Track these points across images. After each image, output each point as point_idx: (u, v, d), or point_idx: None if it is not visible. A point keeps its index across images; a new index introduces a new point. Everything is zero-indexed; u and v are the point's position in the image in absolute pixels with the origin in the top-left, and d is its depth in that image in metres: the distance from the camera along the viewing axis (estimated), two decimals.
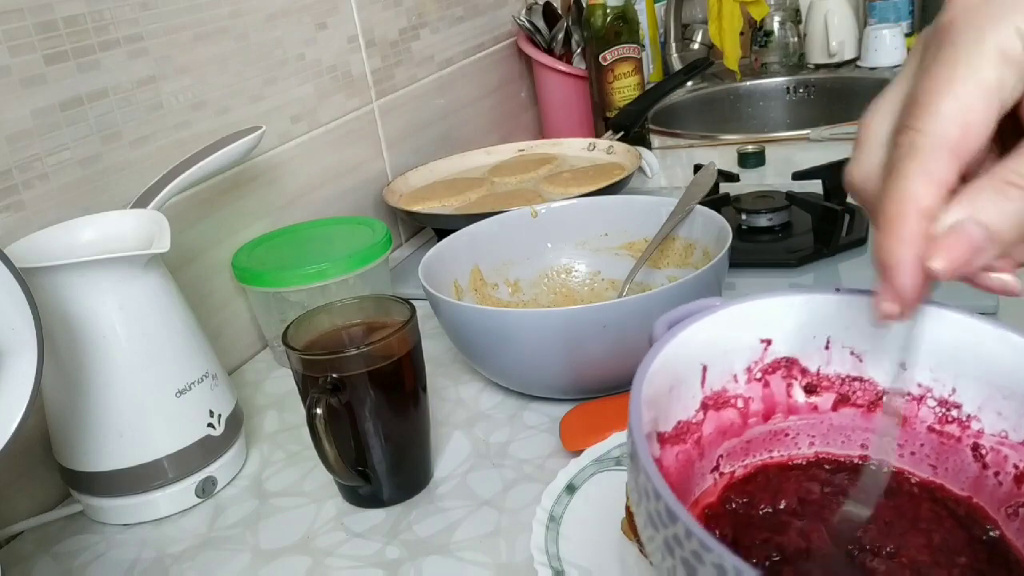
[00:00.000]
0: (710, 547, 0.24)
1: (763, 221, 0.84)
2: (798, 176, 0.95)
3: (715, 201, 0.87)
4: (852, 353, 0.36)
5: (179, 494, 0.57)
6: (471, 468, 0.58)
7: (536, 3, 1.25)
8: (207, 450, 0.58)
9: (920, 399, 0.35)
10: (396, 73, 1.00)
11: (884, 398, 0.35)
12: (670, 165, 1.14)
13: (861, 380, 0.36)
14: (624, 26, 1.14)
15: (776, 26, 1.52)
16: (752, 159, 1.06)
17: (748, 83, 1.44)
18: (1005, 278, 0.30)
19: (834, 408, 0.37)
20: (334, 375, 0.51)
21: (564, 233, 0.76)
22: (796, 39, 1.52)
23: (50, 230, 0.57)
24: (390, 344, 0.52)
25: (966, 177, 0.29)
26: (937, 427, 0.35)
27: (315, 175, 0.87)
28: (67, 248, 0.56)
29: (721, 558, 0.24)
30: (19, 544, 0.57)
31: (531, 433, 0.61)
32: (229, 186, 0.77)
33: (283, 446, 0.64)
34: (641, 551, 0.45)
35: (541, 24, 1.24)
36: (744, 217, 0.85)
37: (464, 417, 0.64)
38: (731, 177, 1.00)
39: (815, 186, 0.88)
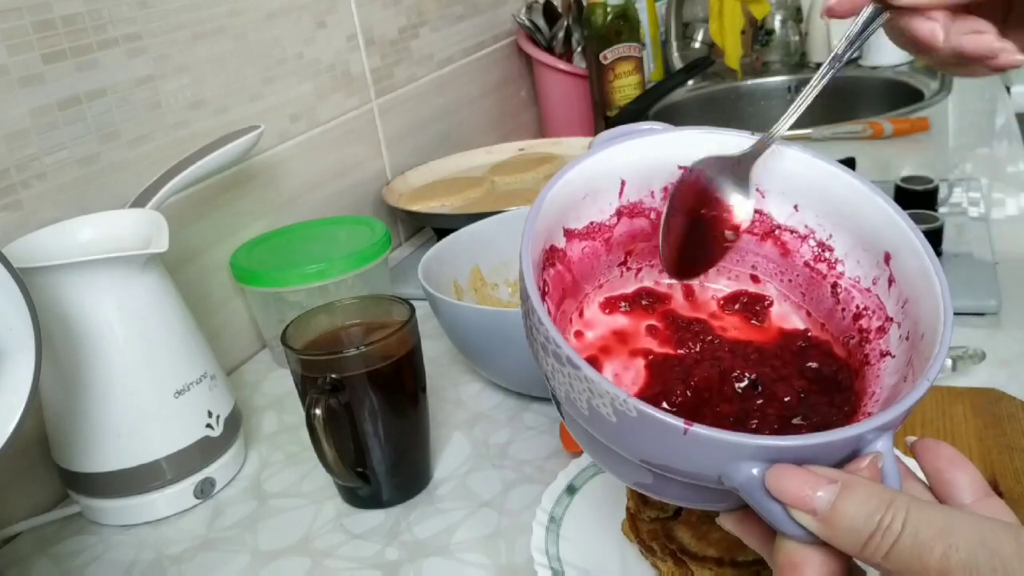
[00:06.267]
0: (543, 322, 0.30)
1: None
2: None
3: None
4: (757, 189, 0.41)
5: (177, 495, 0.57)
6: (471, 469, 0.58)
7: (536, 2, 1.25)
8: (205, 451, 0.58)
9: (804, 237, 0.40)
10: (395, 72, 1.00)
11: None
12: None
13: (760, 212, 0.41)
14: (625, 25, 1.14)
15: (777, 25, 1.52)
16: None
17: (749, 82, 1.43)
18: (934, 27, 0.35)
19: None
20: (333, 376, 0.51)
21: None
22: (797, 38, 1.51)
23: (48, 230, 0.57)
24: (389, 344, 0.52)
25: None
26: (811, 263, 0.40)
27: (314, 174, 0.87)
28: (65, 248, 0.56)
29: (553, 337, 0.30)
30: (17, 545, 0.57)
31: (531, 434, 0.60)
32: (228, 185, 0.76)
33: (282, 447, 0.64)
34: (642, 552, 0.44)
35: (541, 23, 1.23)
36: None
37: (464, 418, 0.64)
38: None
39: None
